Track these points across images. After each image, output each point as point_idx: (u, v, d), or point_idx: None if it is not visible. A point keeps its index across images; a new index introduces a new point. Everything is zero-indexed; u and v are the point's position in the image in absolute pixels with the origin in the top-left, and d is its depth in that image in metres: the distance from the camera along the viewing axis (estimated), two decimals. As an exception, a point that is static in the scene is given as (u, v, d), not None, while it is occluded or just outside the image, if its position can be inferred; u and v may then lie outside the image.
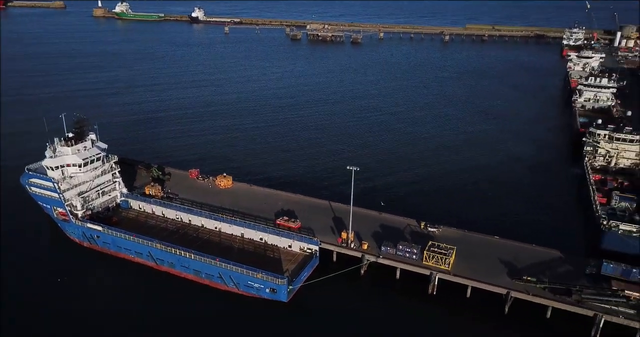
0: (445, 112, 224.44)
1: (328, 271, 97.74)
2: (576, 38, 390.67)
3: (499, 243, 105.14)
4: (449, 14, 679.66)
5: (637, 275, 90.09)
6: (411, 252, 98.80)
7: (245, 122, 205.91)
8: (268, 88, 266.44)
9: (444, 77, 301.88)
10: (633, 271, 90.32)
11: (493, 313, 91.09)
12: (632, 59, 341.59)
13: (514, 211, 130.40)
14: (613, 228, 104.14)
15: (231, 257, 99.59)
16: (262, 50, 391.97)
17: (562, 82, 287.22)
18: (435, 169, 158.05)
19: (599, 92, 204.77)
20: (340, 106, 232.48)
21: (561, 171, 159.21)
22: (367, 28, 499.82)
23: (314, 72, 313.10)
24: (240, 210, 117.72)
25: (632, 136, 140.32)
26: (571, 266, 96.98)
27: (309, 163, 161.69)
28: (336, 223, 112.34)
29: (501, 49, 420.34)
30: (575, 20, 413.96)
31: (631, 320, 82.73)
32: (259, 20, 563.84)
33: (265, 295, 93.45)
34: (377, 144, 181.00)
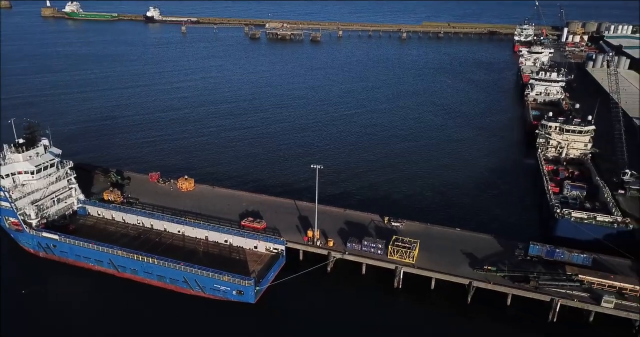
0: (405, 109, 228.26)
1: (295, 270, 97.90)
2: (526, 34, 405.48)
3: (459, 235, 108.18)
4: (408, 11, 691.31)
5: (560, 255, 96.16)
6: (376, 247, 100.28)
7: (205, 123, 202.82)
8: (228, 89, 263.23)
9: (403, 74, 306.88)
10: (556, 252, 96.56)
11: (457, 303, 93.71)
12: (579, 54, 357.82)
13: (473, 203, 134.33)
14: (566, 216, 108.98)
15: (196, 260, 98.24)
16: (221, 50, 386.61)
17: (514, 77, 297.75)
18: (397, 165, 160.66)
19: (549, 86, 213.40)
20: (301, 105, 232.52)
21: (516, 162, 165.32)
22: (326, 26, 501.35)
23: (274, 71, 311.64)
24: (203, 212, 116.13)
25: (580, 127, 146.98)
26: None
27: (272, 163, 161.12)
28: (302, 222, 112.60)
29: (456, 45, 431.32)
30: (525, 17, 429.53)
31: (584, 303, 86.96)
32: (217, 20, 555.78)
33: (232, 297, 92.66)
34: (339, 142, 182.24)
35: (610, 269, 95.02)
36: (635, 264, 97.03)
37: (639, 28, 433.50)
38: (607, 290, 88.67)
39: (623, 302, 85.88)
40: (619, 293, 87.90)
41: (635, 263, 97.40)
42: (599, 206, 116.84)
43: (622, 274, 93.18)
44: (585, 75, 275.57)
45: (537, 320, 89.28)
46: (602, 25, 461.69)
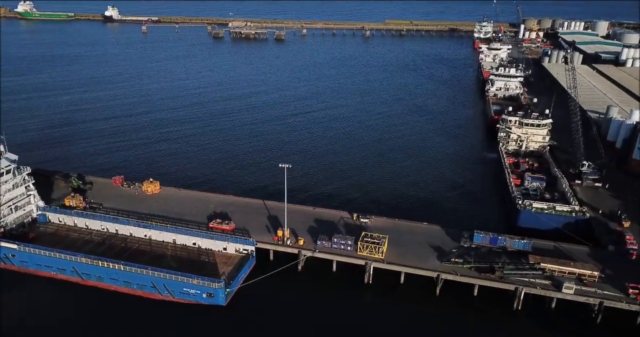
0: (370, 107, 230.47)
1: (266, 270, 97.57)
2: (486, 31, 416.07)
3: (426, 229, 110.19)
4: (371, 9, 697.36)
5: (503, 242, 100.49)
6: (346, 243, 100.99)
7: (169, 125, 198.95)
8: (192, 89, 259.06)
9: (368, 72, 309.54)
10: (499, 239, 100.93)
11: (426, 296, 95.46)
12: (535, 50, 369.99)
13: (438, 197, 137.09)
14: (527, 207, 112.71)
15: (164, 265, 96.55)
16: (184, 50, 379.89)
17: (475, 73, 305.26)
18: (364, 162, 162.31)
19: (509, 81, 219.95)
20: (268, 106, 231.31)
21: (479, 156, 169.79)
22: (290, 25, 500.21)
23: (239, 72, 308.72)
24: (170, 215, 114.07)
25: (538, 121, 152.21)
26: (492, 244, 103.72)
27: (240, 164, 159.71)
28: (271, 221, 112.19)
29: (419, 42, 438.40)
30: (484, 14, 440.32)
31: (547, 290, 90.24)
32: (179, 19, 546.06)
33: (202, 300, 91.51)
34: (307, 141, 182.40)
35: (570, 257, 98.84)
36: (593, 251, 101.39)
37: (591, 25, 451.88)
38: (567, 277, 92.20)
39: (582, 288, 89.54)
40: (579, 279, 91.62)
41: (593, 250, 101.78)
42: (557, 196, 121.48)
43: (581, 261, 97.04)
44: (541, 70, 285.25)
45: (502, 309, 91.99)
46: (556, 22, 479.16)
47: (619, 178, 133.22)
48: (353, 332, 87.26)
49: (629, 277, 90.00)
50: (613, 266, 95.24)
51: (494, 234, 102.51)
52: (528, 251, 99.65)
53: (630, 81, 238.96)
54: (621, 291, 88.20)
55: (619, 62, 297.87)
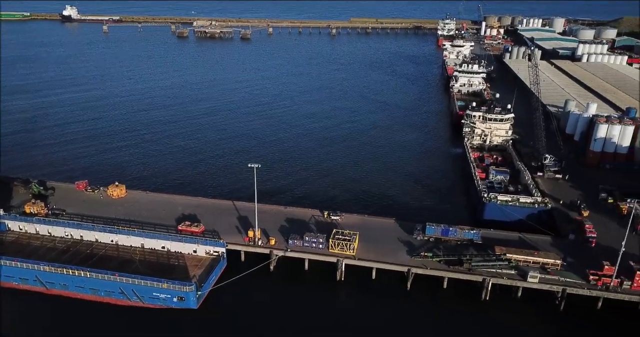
0: (338, 105, 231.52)
1: (237, 271, 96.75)
2: (449, 28, 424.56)
3: (396, 224, 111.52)
4: (336, 7, 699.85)
5: (454, 233, 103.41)
6: (317, 241, 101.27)
7: (134, 128, 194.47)
8: (157, 91, 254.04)
9: (335, 70, 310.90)
10: (450, 230, 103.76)
11: (397, 291, 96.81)
12: (497, 46, 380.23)
13: (407, 192, 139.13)
14: (492, 200, 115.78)
15: (132, 270, 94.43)
16: (148, 50, 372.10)
17: (440, 70, 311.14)
18: (333, 160, 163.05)
19: (472, 77, 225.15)
20: (234, 105, 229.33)
21: (445, 151, 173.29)
22: (256, 23, 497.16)
23: (205, 71, 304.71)
24: (137, 219, 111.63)
25: (501, 116, 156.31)
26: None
27: (208, 165, 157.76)
28: (242, 222, 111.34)
29: (384, 40, 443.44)
30: (447, 12, 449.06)
31: (513, 280, 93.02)
32: (141, 18, 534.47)
33: (173, 304, 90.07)
34: (275, 141, 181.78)
35: (534, 247, 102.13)
36: (555, 240, 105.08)
37: (548, 22, 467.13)
38: (532, 266, 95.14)
39: (546, 277, 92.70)
40: (542, 268, 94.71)
41: (555, 239, 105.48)
42: (521, 188, 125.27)
43: (544, 250, 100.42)
44: (503, 66, 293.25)
45: (471, 299, 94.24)
46: (515, 19, 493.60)
47: (577, 169, 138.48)
48: (327, 330, 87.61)
49: (589, 264, 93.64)
50: (574, 254, 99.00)
51: (445, 225, 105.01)
52: (478, 241, 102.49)
53: (586, 76, 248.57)
54: (582, 277, 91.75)
55: (575, 57, 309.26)
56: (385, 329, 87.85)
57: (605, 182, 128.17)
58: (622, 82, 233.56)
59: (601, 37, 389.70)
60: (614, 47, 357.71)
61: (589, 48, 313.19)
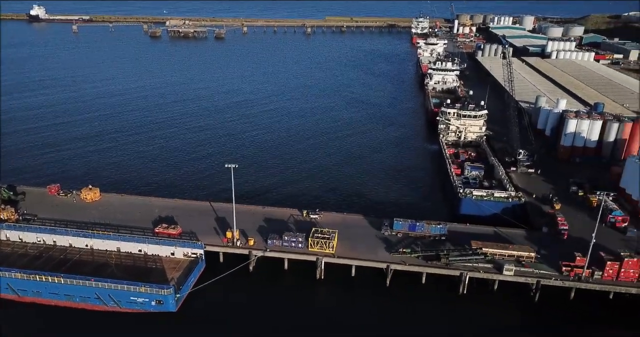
0: (314, 104, 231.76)
1: (216, 273, 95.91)
2: (422, 27, 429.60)
3: (374, 221, 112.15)
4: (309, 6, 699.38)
5: (421, 228, 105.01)
6: (296, 241, 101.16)
7: (106, 129, 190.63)
8: (130, 91, 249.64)
9: (310, 68, 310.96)
10: (417, 225, 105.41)
11: (377, 287, 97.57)
12: (469, 44, 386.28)
13: (384, 189, 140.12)
14: (468, 195, 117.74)
15: (108, 274, 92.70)
16: (120, 50, 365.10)
17: (414, 67, 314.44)
18: (311, 159, 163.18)
19: (446, 74, 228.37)
20: (209, 105, 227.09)
21: (421, 148, 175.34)
22: (230, 23, 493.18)
23: (179, 71, 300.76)
24: (113, 223, 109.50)
25: (475, 112, 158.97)
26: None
27: (184, 166, 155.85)
28: (220, 223, 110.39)
29: (359, 38, 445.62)
30: (420, 10, 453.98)
31: (489, 273, 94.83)
32: (112, 17, 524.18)
33: (151, 308, 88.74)
34: (252, 141, 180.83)
35: (509, 240, 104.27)
36: (529, 233, 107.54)
37: (519, 19, 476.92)
38: (507, 259, 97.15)
39: (521, 269, 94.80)
40: (517, 261, 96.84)
41: (529, 232, 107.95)
42: (495, 183, 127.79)
43: (518, 243, 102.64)
44: (476, 64, 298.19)
45: (449, 294, 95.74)
46: (487, 17, 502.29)
47: (549, 164, 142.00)
48: (308, 329, 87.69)
49: (561, 256, 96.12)
50: (547, 246, 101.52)
51: (412, 220, 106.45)
52: (444, 235, 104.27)
53: (556, 72, 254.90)
54: (555, 269, 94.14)
55: (544, 54, 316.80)
56: (366, 326, 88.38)
57: (576, 175, 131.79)
58: (589, 78, 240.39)
59: (569, 34, 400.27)
60: (581, 44, 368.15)
61: (558, 45, 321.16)
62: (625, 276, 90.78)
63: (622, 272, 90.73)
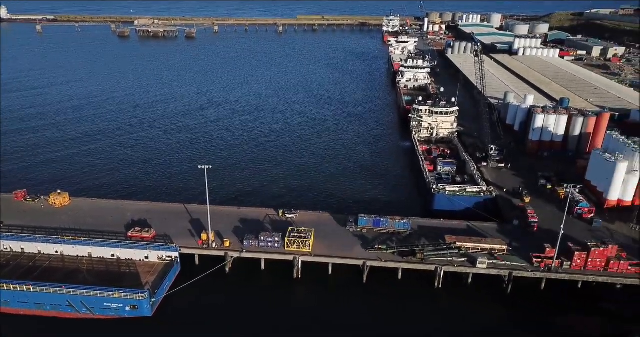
0: (287, 103, 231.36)
1: (192, 276, 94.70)
2: (393, 25, 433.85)
3: (350, 219, 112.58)
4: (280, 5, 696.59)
5: (385, 223, 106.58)
6: (273, 241, 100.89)
7: (74, 132, 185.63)
8: (98, 93, 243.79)
9: (283, 67, 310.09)
10: (381, 221, 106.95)
11: (354, 284, 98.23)
12: (439, 42, 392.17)
13: (359, 187, 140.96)
14: (441, 191, 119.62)
15: (80, 281, 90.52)
16: (87, 51, 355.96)
17: (386, 65, 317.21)
18: (285, 158, 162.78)
19: (417, 72, 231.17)
20: (181, 107, 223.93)
21: (395, 145, 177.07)
22: (201, 22, 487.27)
23: (148, 71, 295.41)
24: (83, 228, 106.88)
25: (446, 109, 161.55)
26: (412, 228, 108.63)
27: (156, 168, 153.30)
28: (194, 225, 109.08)
29: (331, 37, 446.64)
30: (391, 8, 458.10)
31: (463, 267, 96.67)
32: (78, 17, 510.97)
33: (126, 314, 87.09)
34: (225, 141, 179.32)
35: (481, 234, 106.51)
36: (500, 227, 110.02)
37: (487, 17, 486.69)
38: (480, 253, 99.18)
39: (494, 262, 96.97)
40: (490, 254, 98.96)
41: (500, 225, 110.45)
42: (467, 178, 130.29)
43: (491, 236, 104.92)
44: (446, 61, 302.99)
45: (425, 288, 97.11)
46: (456, 15, 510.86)
47: (518, 158, 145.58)
48: (287, 329, 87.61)
49: (532, 248, 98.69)
50: (518, 238, 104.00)
51: (376, 216, 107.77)
52: (409, 230, 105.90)
53: (523, 69, 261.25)
54: (526, 261, 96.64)
55: (512, 51, 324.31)
56: (344, 324, 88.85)
57: (544, 169, 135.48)
58: (555, 74, 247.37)
59: (535, 31, 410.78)
60: (546, 41, 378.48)
61: (524, 42, 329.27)
62: (593, 265, 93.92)
63: (589, 262, 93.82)
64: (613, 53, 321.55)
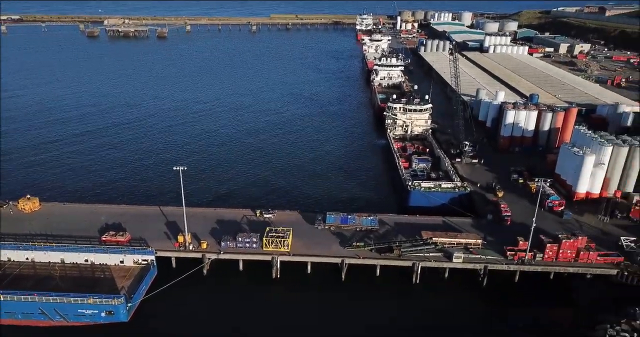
0: (260, 101, 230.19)
1: (169, 279, 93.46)
2: (366, 23, 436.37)
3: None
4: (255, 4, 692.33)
5: (352, 220, 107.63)
6: (251, 241, 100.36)
7: (41, 135, 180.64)
8: (67, 96, 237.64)
9: (257, 66, 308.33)
10: (349, 218, 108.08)
11: (333, 282, 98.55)
12: (412, 40, 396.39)
13: (337, 186, 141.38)
14: (416, 187, 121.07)
15: (52, 287, 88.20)
16: (55, 52, 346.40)
17: (360, 64, 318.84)
18: (261, 158, 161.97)
19: (391, 70, 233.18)
20: (154, 108, 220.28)
21: (370, 143, 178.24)
22: (173, 21, 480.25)
23: (120, 71, 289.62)
24: (55, 233, 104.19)
25: (420, 106, 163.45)
26: (389, 225, 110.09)
27: (130, 171, 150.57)
28: (170, 228, 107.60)
29: (305, 36, 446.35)
30: (363, 7, 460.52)
31: (440, 262, 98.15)
32: (45, 17, 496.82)
33: (101, 320, 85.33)
34: (200, 142, 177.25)
35: (457, 229, 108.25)
36: (475, 221, 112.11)
37: (458, 16, 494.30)
38: (456, 247, 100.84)
39: (469, 256, 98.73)
40: (466, 248, 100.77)
41: (475, 220, 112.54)
42: (442, 174, 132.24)
43: (466, 231, 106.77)
44: (419, 59, 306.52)
45: (403, 284, 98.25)
46: (428, 14, 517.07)
47: (490, 154, 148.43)
48: (267, 330, 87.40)
49: (506, 241, 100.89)
50: (492, 232, 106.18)
51: (344, 213, 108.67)
52: (376, 227, 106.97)
53: (494, 66, 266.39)
54: (501, 254, 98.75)
55: (483, 49, 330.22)
56: (324, 322, 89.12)
57: (516, 164, 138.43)
58: (524, 71, 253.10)
59: (504, 29, 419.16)
60: (516, 38, 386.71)
61: (495, 40, 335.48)
62: (564, 257, 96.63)
63: (560, 253, 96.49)
64: (579, 50, 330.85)
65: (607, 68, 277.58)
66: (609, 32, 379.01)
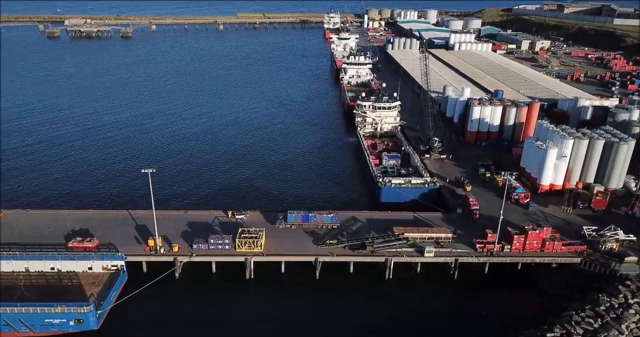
0: (229, 101, 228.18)
1: (140, 284, 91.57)
2: (334, 22, 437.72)
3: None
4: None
5: (314, 218, 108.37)
6: (223, 243, 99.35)
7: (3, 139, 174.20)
8: (27, 101, 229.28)
9: (225, 66, 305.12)
10: (310, 216, 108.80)
11: (307, 280, 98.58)
12: (379, 38, 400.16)
13: (309, 184, 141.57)
14: (387, 184, 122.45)
15: (17, 298, 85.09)
16: (14, 53, 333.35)
17: (329, 62, 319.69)
18: (231, 158, 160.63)
19: (360, 68, 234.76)
20: (118, 110, 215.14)
21: (341, 142, 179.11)
22: (137, 21, 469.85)
23: (82, 73, 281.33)
24: (18, 241, 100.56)
25: (389, 104, 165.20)
26: (361, 222, 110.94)
27: (96, 174, 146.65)
28: (140, 231, 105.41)
29: (273, 35, 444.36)
30: (331, 5, 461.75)
31: (412, 257, 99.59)
32: (2, 17, 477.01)
33: (70, 329, 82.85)
34: (169, 144, 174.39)
35: (428, 224, 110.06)
36: (445, 216, 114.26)
37: (423, 14, 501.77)
38: (427, 242, 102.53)
39: (440, 250, 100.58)
40: (437, 242, 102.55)
41: (445, 214, 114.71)
42: (412, 170, 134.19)
43: (436, 226, 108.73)
44: (386, 57, 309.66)
45: (376, 280, 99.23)
46: (394, 12, 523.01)
47: (458, 149, 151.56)
48: (240, 331, 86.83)
49: (475, 234, 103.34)
50: (462, 226, 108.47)
51: (305, 211, 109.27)
52: (337, 224, 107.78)
53: (459, 63, 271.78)
54: (470, 247, 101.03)
55: (448, 46, 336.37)
56: (299, 321, 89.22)
57: (483, 158, 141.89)
58: (489, 67, 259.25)
59: (469, 27, 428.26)
60: (480, 36, 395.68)
61: (460, 37, 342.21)
62: (530, 247, 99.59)
63: (527, 244, 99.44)
64: (540, 46, 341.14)
65: (567, 64, 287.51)
66: (568, 29, 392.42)
